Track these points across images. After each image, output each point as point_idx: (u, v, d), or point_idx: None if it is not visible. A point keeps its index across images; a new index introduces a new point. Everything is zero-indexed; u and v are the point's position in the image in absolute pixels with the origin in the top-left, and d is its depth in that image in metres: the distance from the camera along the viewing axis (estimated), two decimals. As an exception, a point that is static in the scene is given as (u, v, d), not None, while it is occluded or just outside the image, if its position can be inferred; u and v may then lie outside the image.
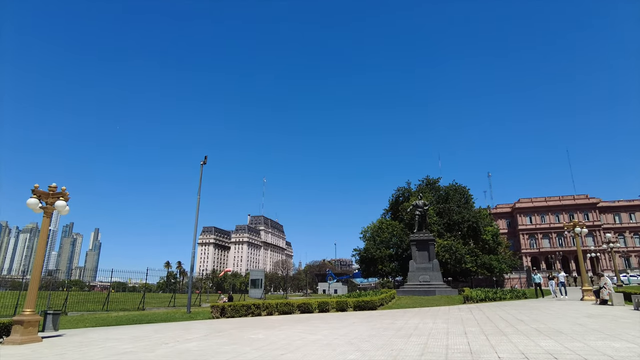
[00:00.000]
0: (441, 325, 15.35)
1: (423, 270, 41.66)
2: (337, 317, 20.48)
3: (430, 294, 38.27)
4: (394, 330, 14.30)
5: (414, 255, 42.79)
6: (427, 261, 42.14)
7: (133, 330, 17.80)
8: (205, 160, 29.24)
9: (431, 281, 40.71)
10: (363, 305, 24.79)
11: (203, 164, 29.19)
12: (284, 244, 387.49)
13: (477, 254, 48.06)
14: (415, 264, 42.30)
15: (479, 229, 49.61)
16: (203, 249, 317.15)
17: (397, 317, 19.52)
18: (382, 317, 19.77)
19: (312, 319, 19.91)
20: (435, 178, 56.01)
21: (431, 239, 42.68)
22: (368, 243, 51.22)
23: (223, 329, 16.85)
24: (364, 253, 51.32)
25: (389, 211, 58.24)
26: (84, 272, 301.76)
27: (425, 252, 42.60)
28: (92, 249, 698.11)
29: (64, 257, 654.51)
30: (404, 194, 55.64)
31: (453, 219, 49.63)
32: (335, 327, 15.99)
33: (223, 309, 22.04)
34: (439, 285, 40.57)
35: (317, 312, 23.91)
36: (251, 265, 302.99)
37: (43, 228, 14.79)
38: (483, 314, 19.79)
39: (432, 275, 41.08)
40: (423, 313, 21.72)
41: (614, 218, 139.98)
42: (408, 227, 50.34)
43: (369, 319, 19.28)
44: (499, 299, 32.82)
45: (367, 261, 51.39)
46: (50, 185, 15.40)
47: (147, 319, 23.20)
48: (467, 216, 49.50)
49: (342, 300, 24.53)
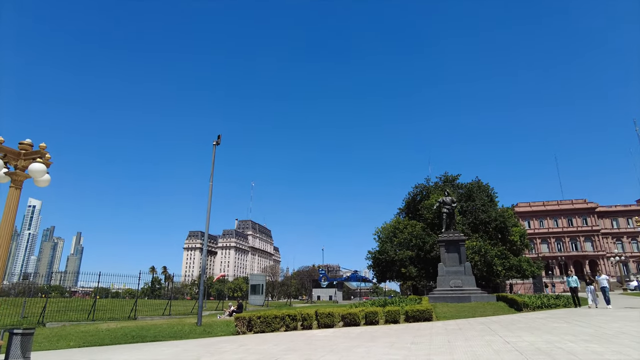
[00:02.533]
0: (592, 347, 10.64)
1: (454, 274, 37.18)
2: (409, 332, 15.73)
3: (464, 300, 33.85)
4: (539, 354, 9.56)
5: (442, 257, 38.25)
6: (458, 264, 37.66)
7: (139, 354, 12.73)
8: (218, 139, 24.31)
9: (464, 286, 36.25)
10: (417, 315, 20.09)
11: (216, 144, 24.25)
12: (271, 249, 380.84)
13: (507, 256, 44.00)
14: (445, 267, 37.75)
15: (506, 229, 45.56)
16: (189, 253, 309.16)
17: (486, 333, 14.80)
18: (463, 331, 15.09)
19: (377, 336, 15.04)
20: (454, 174, 52.01)
21: (462, 239, 38.22)
22: (384, 245, 46.47)
23: (273, 355, 11.90)
24: (379, 255, 46.50)
25: (403, 210, 53.76)
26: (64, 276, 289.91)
27: (455, 254, 38.11)
28: (74, 254, 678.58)
29: (43, 261, 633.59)
30: (422, 192, 51.25)
31: (479, 218, 45.40)
32: (441, 349, 11.21)
33: (250, 322, 17.09)
34: (474, 291, 36.11)
35: (363, 324, 19.12)
36: (238, 271, 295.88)
37: (9, 202, 9.68)
38: (592, 326, 15.19)
39: (465, 279, 36.61)
40: (501, 325, 17.07)
41: (612, 223, 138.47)
42: (430, 226, 46.02)
43: (453, 334, 14.52)
44: (553, 307, 28.60)
45: (383, 264, 46.63)
46: (22, 142, 10.35)
47: (149, 334, 18.05)
48: (493, 215, 45.39)
49: (393, 310, 19.75)
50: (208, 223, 22.20)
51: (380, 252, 46.39)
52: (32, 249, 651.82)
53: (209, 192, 22.95)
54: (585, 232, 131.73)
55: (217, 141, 24.27)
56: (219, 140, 24.25)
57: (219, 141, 24.27)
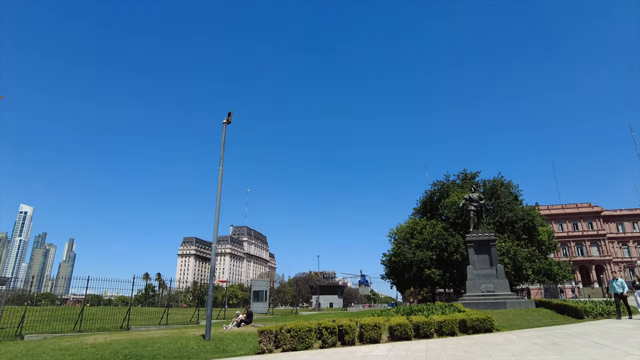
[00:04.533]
0: None
1: (484, 278, 33.50)
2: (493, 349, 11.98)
3: (499, 306, 30.24)
4: None
5: (471, 259, 34.54)
6: (489, 266, 33.99)
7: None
8: (229, 117, 20.53)
9: (496, 291, 32.64)
10: (477, 326, 16.33)
11: (226, 122, 20.46)
12: (267, 256, 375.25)
13: (537, 257, 40.38)
14: (475, 270, 34.06)
15: (534, 228, 41.97)
16: (183, 260, 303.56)
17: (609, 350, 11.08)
18: (566, 347, 11.39)
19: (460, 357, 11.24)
20: (473, 172, 48.43)
21: (492, 239, 34.54)
22: (400, 246, 42.46)
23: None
24: (394, 258, 42.47)
25: (419, 211, 49.86)
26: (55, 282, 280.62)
27: (485, 255, 34.43)
28: (66, 260, 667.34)
29: (35, 268, 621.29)
30: (440, 190, 47.54)
31: (505, 217, 41.75)
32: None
33: (277, 336, 13.24)
34: (508, 296, 32.45)
35: (413, 336, 15.33)
36: (233, 277, 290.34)
37: None
38: None
39: (497, 283, 32.97)
40: (601, 338, 13.36)
41: (617, 227, 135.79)
42: (453, 226, 42.31)
43: (552, 350, 10.78)
44: (613, 314, 24.94)
45: (399, 268, 42.67)
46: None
47: (147, 353, 14.08)
48: (520, 213, 41.79)
49: (449, 320, 15.95)
50: (218, 213, 18.36)
51: (396, 255, 42.37)
52: (23, 256, 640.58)
53: (219, 177, 19.14)
54: (591, 237, 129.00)
55: (227, 119, 20.47)
56: (230, 117, 20.47)
57: (229, 119, 20.46)
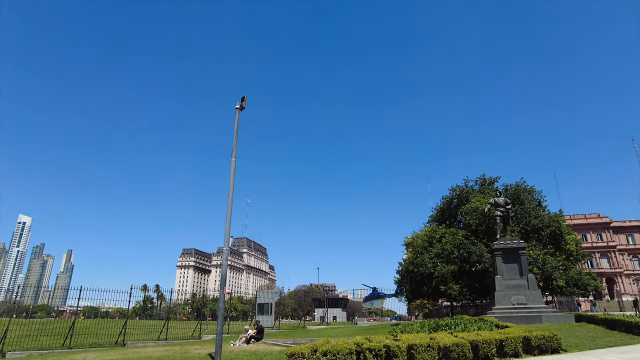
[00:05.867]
0: None
1: (515, 289, 30.67)
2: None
3: (534, 320, 27.36)
4: None
5: (499, 268, 31.73)
6: (519, 276, 31.17)
7: None
8: (242, 103, 17.97)
9: (528, 303, 29.82)
10: (543, 345, 13.53)
11: (240, 108, 17.89)
12: (267, 268, 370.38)
13: (567, 267, 37.51)
14: (503, 280, 31.23)
15: (561, 236, 39.18)
16: (182, 271, 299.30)
17: None
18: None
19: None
20: (493, 177, 45.76)
21: (522, 246, 31.78)
22: (420, 256, 39.38)
23: None
24: (413, 267, 39.39)
25: (435, 219, 46.78)
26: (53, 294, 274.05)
27: (514, 264, 31.62)
28: (64, 272, 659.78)
29: (32, 280, 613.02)
30: (460, 196, 44.73)
31: (530, 224, 38.95)
32: None
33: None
34: (543, 309, 29.63)
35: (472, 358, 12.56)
36: (233, 290, 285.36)
37: None
38: None
39: (529, 294, 30.14)
40: None
41: (627, 239, 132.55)
42: (474, 234, 39.49)
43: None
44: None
45: (417, 278, 39.65)
46: None
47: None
48: (546, 220, 39.03)
49: (511, 338, 13.11)
50: (230, 210, 15.65)
51: (415, 264, 39.29)
52: (21, 266, 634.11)
53: (231, 169, 16.48)
54: (600, 248, 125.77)
55: (241, 104, 17.86)
56: (244, 103, 17.87)
57: (243, 104, 17.85)
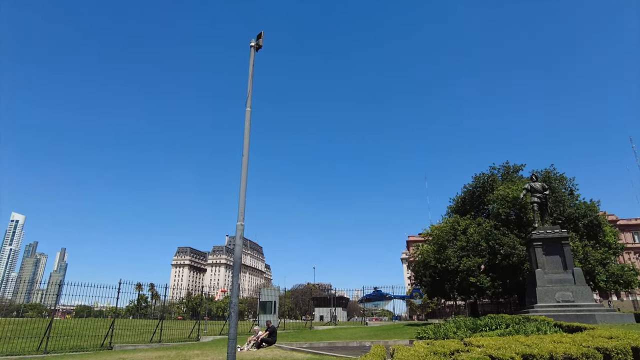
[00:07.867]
0: None
1: (559, 284, 26.89)
2: None
3: (585, 320, 23.34)
4: None
5: (539, 261, 27.96)
6: (563, 270, 27.39)
7: None
8: (259, 41, 14.05)
9: (576, 300, 26.03)
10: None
11: (256, 46, 13.96)
12: (263, 267, 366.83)
13: (610, 261, 33.94)
14: (544, 274, 27.49)
15: (599, 227, 35.48)
16: (177, 270, 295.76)
17: None
18: None
19: None
20: (518, 164, 41.98)
21: (564, 236, 28.00)
22: (444, 250, 35.07)
23: None
24: (437, 263, 35.30)
25: (454, 210, 42.47)
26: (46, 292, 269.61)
27: (557, 256, 27.84)
28: (57, 270, 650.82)
29: (24, 279, 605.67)
30: (484, 185, 41.00)
31: (565, 214, 35.25)
32: None
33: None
34: (595, 307, 25.83)
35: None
36: (228, 288, 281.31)
37: None
38: None
39: (576, 290, 26.34)
40: None
41: (633, 237, 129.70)
42: (504, 224, 35.69)
43: None
44: None
45: (439, 274, 35.67)
46: None
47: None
48: (583, 209, 35.34)
49: (620, 345, 9.49)
50: (245, 171, 11.74)
51: (438, 260, 35.18)
52: (13, 265, 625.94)
53: (246, 121, 12.59)
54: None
55: (257, 43, 13.94)
56: (261, 41, 13.95)
57: (260, 42, 13.91)
